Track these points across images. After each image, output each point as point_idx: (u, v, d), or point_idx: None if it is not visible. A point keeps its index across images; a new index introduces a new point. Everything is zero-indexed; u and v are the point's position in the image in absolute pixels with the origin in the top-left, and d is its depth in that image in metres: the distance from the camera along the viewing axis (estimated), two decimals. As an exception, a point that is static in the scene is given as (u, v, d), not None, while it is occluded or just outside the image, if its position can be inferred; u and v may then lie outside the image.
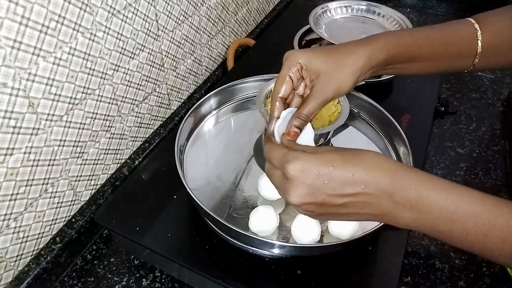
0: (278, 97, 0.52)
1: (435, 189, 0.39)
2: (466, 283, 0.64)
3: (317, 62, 0.51)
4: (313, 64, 0.51)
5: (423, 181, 0.40)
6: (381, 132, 0.72)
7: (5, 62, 0.47)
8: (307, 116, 0.50)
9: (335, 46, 0.54)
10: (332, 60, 0.51)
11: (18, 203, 0.55)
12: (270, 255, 0.56)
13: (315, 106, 0.50)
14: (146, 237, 0.59)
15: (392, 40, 0.53)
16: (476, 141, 0.88)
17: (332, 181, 0.40)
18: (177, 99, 0.85)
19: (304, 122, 0.50)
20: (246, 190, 0.64)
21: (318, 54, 0.52)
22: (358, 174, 0.39)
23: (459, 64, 0.56)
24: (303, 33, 0.97)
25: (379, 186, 0.39)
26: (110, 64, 0.63)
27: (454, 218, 0.38)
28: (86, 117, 0.62)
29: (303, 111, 0.50)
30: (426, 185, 0.39)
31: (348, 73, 0.51)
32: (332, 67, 0.51)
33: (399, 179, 0.39)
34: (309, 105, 0.50)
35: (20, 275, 0.58)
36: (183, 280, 0.62)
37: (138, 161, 0.74)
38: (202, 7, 0.83)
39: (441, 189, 0.39)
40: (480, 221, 0.38)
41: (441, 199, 0.39)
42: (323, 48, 0.54)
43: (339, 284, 0.55)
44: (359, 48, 0.52)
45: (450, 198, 0.39)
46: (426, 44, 0.54)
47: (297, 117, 0.50)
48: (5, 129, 0.50)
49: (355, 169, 0.40)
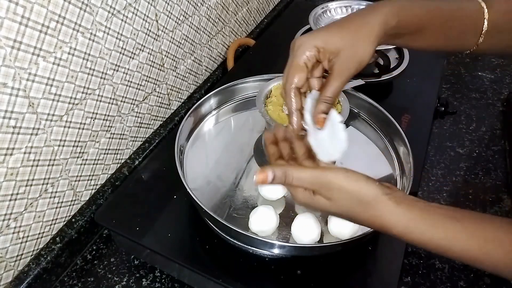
0: (293, 87, 0.50)
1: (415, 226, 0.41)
2: (466, 283, 0.64)
3: (334, 41, 0.49)
4: (330, 44, 0.49)
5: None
6: (381, 132, 0.72)
7: (5, 62, 0.47)
8: (332, 98, 0.49)
9: (347, 19, 0.52)
10: (349, 34, 0.49)
11: (18, 203, 0.55)
12: (270, 255, 0.56)
13: (339, 85, 0.49)
14: (146, 237, 0.59)
15: (404, 7, 0.51)
16: (476, 141, 0.88)
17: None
18: (177, 99, 0.85)
19: (330, 106, 0.49)
20: (246, 190, 0.64)
21: (333, 32, 0.50)
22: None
23: (464, 41, 0.56)
24: (303, 33, 0.97)
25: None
26: (110, 64, 0.63)
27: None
28: (86, 117, 0.62)
29: (327, 94, 0.49)
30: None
31: (367, 43, 0.49)
32: (350, 42, 0.49)
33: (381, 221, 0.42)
34: (332, 85, 0.49)
35: (20, 275, 0.58)
36: (183, 280, 0.62)
37: (138, 161, 0.74)
38: (202, 7, 0.83)
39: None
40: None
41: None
42: (335, 24, 0.52)
43: (339, 284, 0.55)
44: (373, 16, 0.50)
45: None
46: (436, 15, 0.54)
47: (323, 102, 0.49)
48: (5, 129, 0.50)
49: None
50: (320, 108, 0.49)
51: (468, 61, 1.11)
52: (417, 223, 0.40)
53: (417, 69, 0.88)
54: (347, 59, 0.49)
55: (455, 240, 0.40)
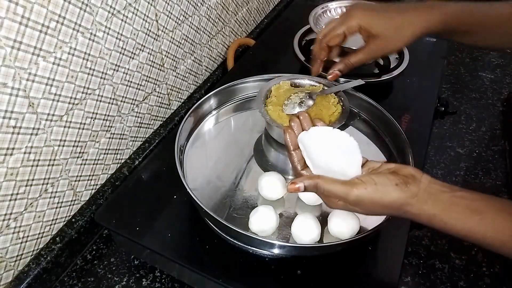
0: (325, 45, 0.60)
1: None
2: (466, 283, 0.64)
3: (377, 27, 0.57)
4: (373, 28, 0.57)
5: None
6: (381, 132, 0.72)
7: (5, 62, 0.47)
8: (353, 64, 0.59)
9: (396, 10, 0.58)
10: (392, 27, 0.57)
11: (18, 203, 0.55)
12: (270, 255, 0.56)
13: (364, 59, 0.59)
14: (146, 237, 0.59)
15: (452, 14, 0.57)
16: (476, 141, 0.88)
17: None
18: (177, 99, 0.85)
19: (347, 69, 0.60)
20: (246, 190, 0.64)
21: (380, 18, 0.57)
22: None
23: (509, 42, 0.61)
24: (303, 33, 0.96)
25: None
26: (110, 64, 0.63)
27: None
28: (86, 117, 0.62)
29: (352, 60, 0.59)
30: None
31: (403, 41, 0.57)
32: (390, 34, 0.57)
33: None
34: (358, 57, 0.59)
35: (20, 275, 0.58)
36: (183, 280, 0.62)
37: (138, 161, 0.74)
38: (202, 7, 0.83)
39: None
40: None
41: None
42: (385, 11, 0.58)
43: (339, 284, 0.55)
44: (419, 19, 0.56)
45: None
46: (483, 20, 0.58)
47: (343, 63, 0.59)
48: (5, 129, 0.50)
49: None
50: (338, 67, 0.60)
51: (468, 61, 1.11)
52: (441, 216, 0.44)
53: (417, 69, 0.88)
54: (379, 45, 0.58)
55: (472, 231, 0.43)
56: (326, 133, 0.53)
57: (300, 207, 0.62)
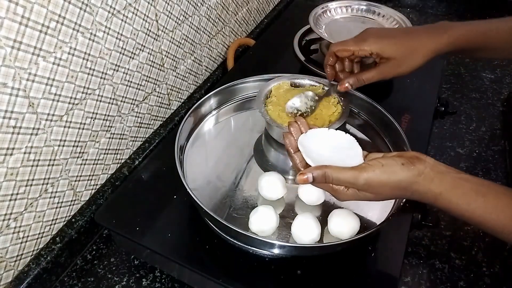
0: (333, 52, 0.63)
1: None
2: (466, 283, 0.64)
3: (389, 51, 0.60)
4: (385, 52, 0.60)
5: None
6: (381, 132, 0.72)
7: (5, 62, 0.47)
8: (364, 81, 0.62)
9: (407, 34, 0.62)
10: (403, 52, 0.60)
11: (18, 203, 0.55)
12: (270, 255, 0.56)
13: (375, 78, 0.62)
14: (146, 237, 0.59)
15: (461, 36, 0.59)
16: (476, 141, 0.88)
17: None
18: (177, 99, 0.85)
19: (358, 84, 0.63)
20: (246, 190, 0.64)
21: (391, 44, 0.60)
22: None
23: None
24: (303, 33, 0.97)
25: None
26: (110, 64, 0.63)
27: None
28: (86, 117, 0.62)
29: (363, 76, 0.62)
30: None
31: (414, 64, 0.60)
32: (401, 57, 0.60)
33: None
34: (371, 74, 0.61)
35: (20, 275, 0.58)
36: (183, 280, 0.62)
37: (138, 161, 0.74)
38: (202, 7, 0.83)
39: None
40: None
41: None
42: (396, 36, 0.61)
43: (339, 284, 0.55)
44: (429, 42, 0.59)
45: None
46: (492, 36, 0.60)
47: (355, 77, 0.62)
48: (5, 129, 0.50)
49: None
50: (349, 80, 0.63)
51: (468, 61, 1.11)
52: (446, 194, 0.46)
53: (417, 69, 0.87)
54: (391, 67, 0.61)
55: (476, 212, 0.45)
56: (323, 133, 0.55)
57: (300, 207, 0.62)
